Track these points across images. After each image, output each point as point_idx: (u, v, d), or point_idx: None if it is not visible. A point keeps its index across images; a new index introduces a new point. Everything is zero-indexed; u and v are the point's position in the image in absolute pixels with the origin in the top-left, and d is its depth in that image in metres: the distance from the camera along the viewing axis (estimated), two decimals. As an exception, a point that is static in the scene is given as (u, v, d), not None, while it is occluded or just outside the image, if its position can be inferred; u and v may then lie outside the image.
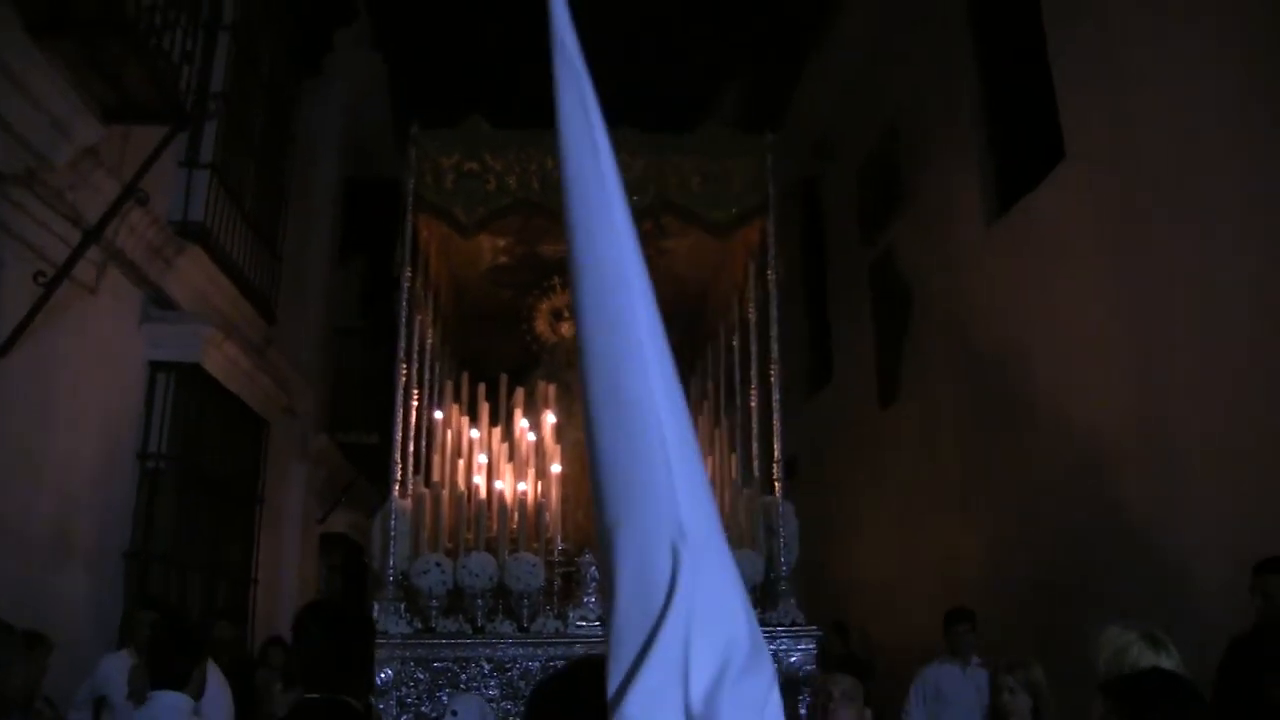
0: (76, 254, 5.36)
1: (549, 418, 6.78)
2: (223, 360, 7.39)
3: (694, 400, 7.02)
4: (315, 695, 2.84)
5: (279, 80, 9.04)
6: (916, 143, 10.28)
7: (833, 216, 13.04)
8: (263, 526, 8.68)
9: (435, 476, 6.30)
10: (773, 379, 6.25)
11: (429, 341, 6.55)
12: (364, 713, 2.94)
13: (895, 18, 10.78)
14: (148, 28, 5.20)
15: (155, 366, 6.88)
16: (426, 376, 6.51)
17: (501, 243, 7.10)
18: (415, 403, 6.19)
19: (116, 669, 4.78)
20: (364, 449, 10.90)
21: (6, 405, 5.22)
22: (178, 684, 3.39)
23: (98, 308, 6.19)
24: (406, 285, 6.09)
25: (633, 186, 6.10)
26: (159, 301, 6.98)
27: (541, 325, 7.57)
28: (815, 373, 13.45)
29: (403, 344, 6.05)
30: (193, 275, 7.31)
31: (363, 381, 11.06)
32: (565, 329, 7.43)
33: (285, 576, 9.63)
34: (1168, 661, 3.20)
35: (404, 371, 6.03)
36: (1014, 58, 8.57)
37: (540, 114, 5.23)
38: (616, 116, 5.10)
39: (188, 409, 7.09)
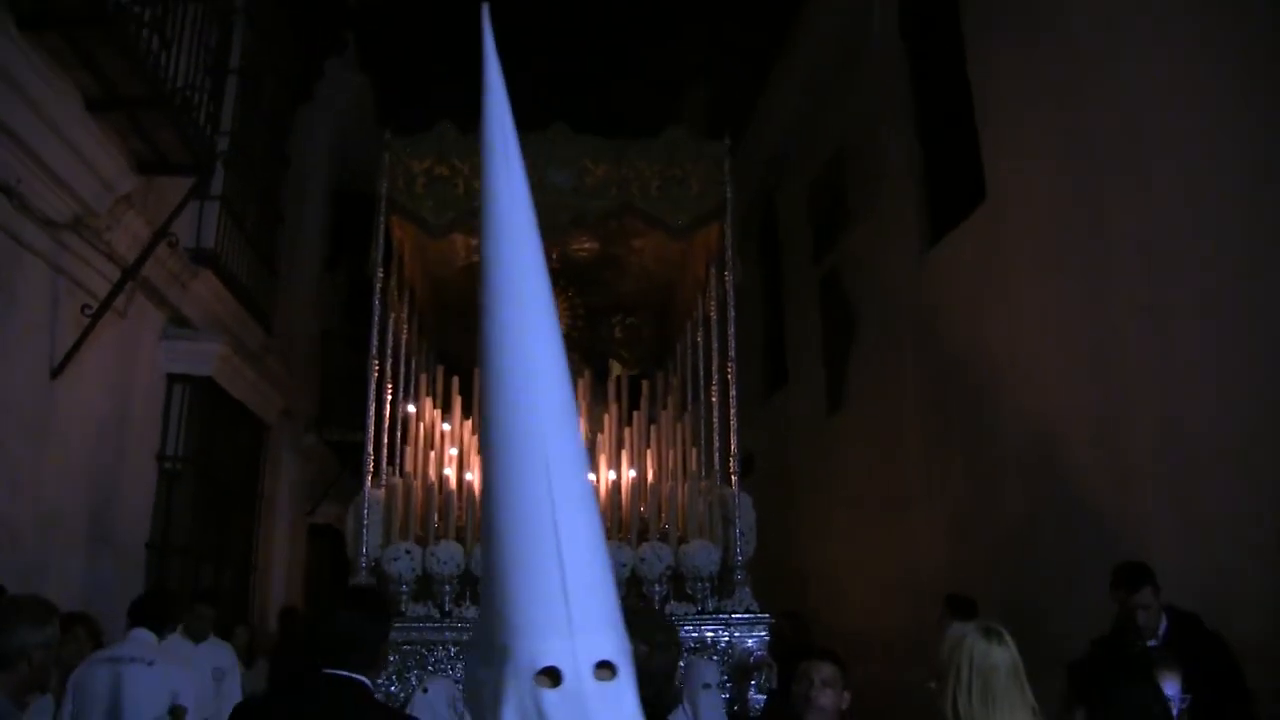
0: (117, 289, 6.26)
1: None
2: (230, 372, 8.27)
3: (659, 393, 7.50)
4: (335, 671, 2.95)
5: (277, 110, 9.88)
6: (859, 173, 11.17)
7: (788, 232, 13.90)
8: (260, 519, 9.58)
9: (408, 467, 6.56)
10: (730, 376, 6.53)
11: (404, 338, 6.85)
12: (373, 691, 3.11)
13: (843, 53, 11.65)
14: (184, 102, 6.08)
15: (173, 379, 7.75)
16: (401, 372, 6.76)
17: (474, 242, 7.16)
18: (389, 397, 6.46)
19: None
20: (350, 445, 11.71)
21: (61, 418, 6.11)
22: None
23: (126, 329, 7.03)
24: (379, 285, 6.36)
25: (596, 190, 6.56)
26: (176, 320, 7.83)
27: None
28: (772, 376, 14.34)
29: (375, 341, 6.33)
30: (204, 296, 8.16)
31: (349, 382, 11.89)
32: None
33: (277, 563, 10.52)
34: (1001, 651, 3.24)
35: (376, 367, 6.32)
36: (946, 105, 9.46)
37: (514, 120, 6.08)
38: (583, 124, 5.88)
39: (200, 416, 7.96)
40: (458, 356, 8.09)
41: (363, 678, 2.96)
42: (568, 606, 1.27)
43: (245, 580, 9.13)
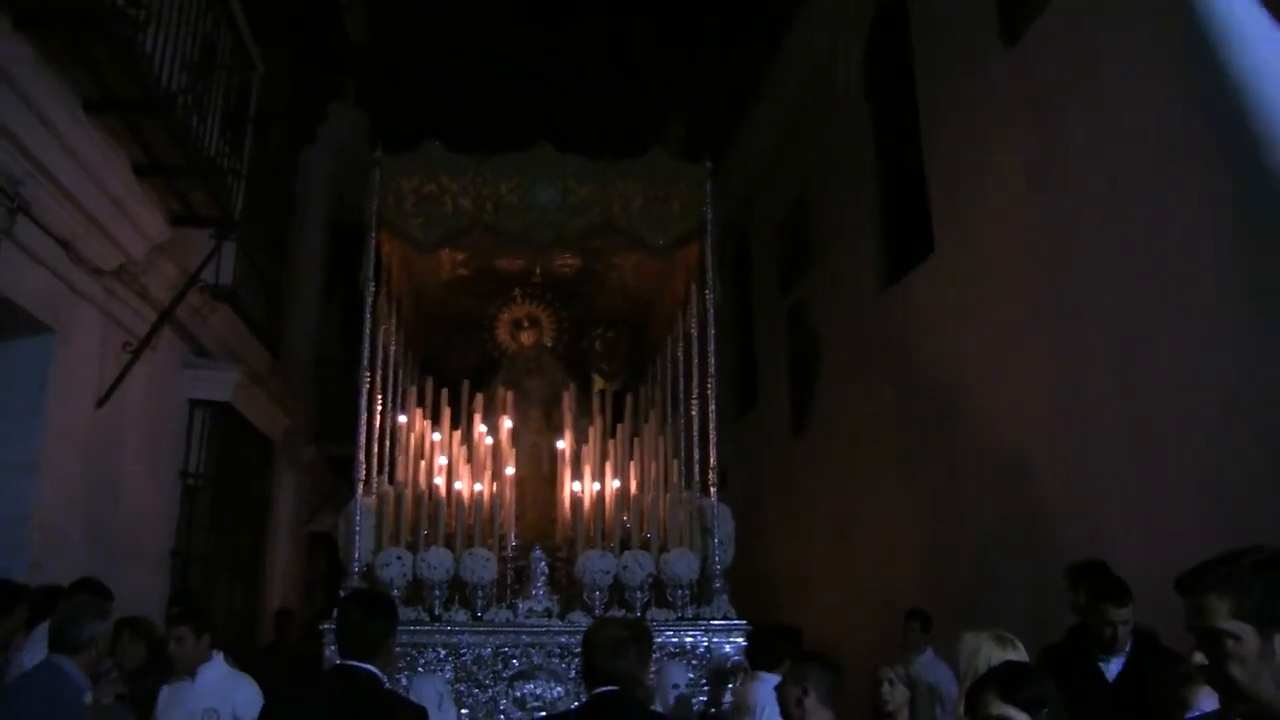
0: (154, 329, 7.14)
1: (506, 422, 7.13)
2: (244, 396, 9.14)
3: (642, 406, 7.75)
4: (351, 663, 3.43)
5: (284, 153, 10.76)
6: (824, 215, 12.08)
7: (758, 264, 14.81)
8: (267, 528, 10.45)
9: (399, 476, 6.69)
10: (710, 391, 6.65)
11: (392, 349, 6.95)
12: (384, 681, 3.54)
13: (814, 102, 12.54)
14: (217, 168, 6.97)
15: (194, 403, 8.62)
16: (390, 382, 6.90)
17: (460, 257, 7.48)
18: (380, 408, 6.59)
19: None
20: (344, 459, 12.53)
21: (103, 441, 6.96)
22: None
23: (156, 360, 7.85)
24: (370, 299, 6.48)
25: (579, 209, 6.64)
26: (196, 350, 8.69)
27: (502, 334, 8.08)
28: (742, 398, 15.23)
29: (366, 353, 6.41)
30: (220, 327, 9.02)
31: (343, 401, 12.74)
32: (524, 338, 7.98)
33: (280, 568, 11.39)
34: (1015, 655, 3.53)
35: (368, 378, 6.41)
36: (902, 161, 10.27)
37: (495, 144, 6.64)
38: (567, 145, 6.43)
39: (218, 436, 8.83)
40: (441, 369, 8.27)
41: (372, 667, 3.43)
42: None
43: (254, 583, 9.99)
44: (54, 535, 6.22)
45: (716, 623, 6.12)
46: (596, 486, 6.70)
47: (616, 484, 6.94)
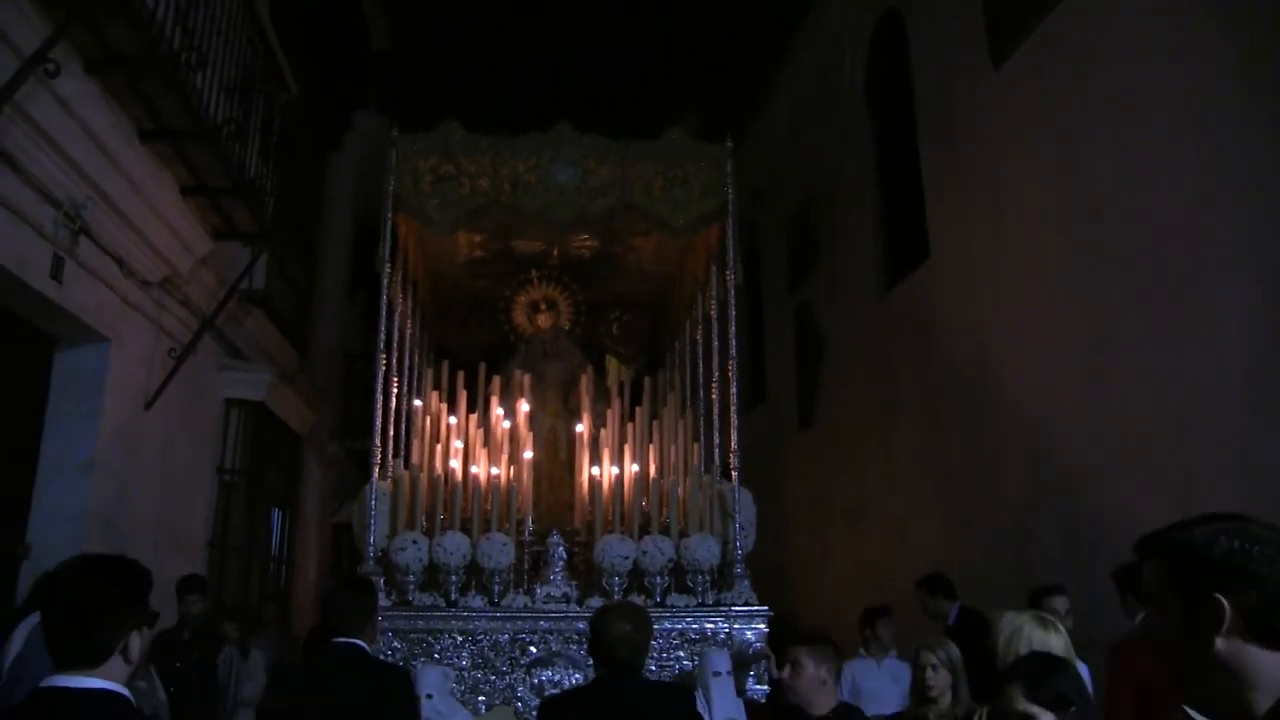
0: (197, 337, 7.67)
1: (523, 406, 7.08)
2: (276, 396, 9.66)
3: (661, 390, 7.64)
4: (340, 639, 3.88)
5: (312, 162, 11.26)
6: (829, 217, 12.52)
7: (768, 261, 15.25)
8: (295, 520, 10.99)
9: (414, 460, 6.62)
10: (731, 374, 6.64)
11: (408, 332, 6.96)
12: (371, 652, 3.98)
13: (821, 106, 12.96)
14: (257, 188, 7.47)
15: (230, 403, 9.15)
16: (405, 366, 6.93)
17: (476, 238, 7.44)
18: (395, 390, 6.63)
19: None
20: (367, 453, 13.02)
21: (150, 440, 7.49)
22: None
23: (195, 362, 8.36)
24: (385, 280, 6.45)
25: (599, 190, 6.56)
26: (231, 352, 9.20)
27: (519, 317, 8.10)
28: (752, 391, 15.66)
29: (382, 335, 6.39)
30: (252, 330, 9.54)
31: (367, 395, 13.20)
32: (541, 320, 7.96)
33: (307, 558, 11.93)
34: (1056, 639, 3.40)
35: (383, 361, 6.41)
36: (901, 169, 10.68)
37: (511, 123, 6.85)
38: (587, 126, 6.68)
39: (251, 433, 9.35)
40: (458, 349, 8.40)
41: (360, 641, 3.88)
42: None
43: (283, 573, 10.53)
44: (107, 530, 6.74)
45: (738, 609, 6.04)
46: (615, 471, 6.59)
47: (635, 468, 6.83)
